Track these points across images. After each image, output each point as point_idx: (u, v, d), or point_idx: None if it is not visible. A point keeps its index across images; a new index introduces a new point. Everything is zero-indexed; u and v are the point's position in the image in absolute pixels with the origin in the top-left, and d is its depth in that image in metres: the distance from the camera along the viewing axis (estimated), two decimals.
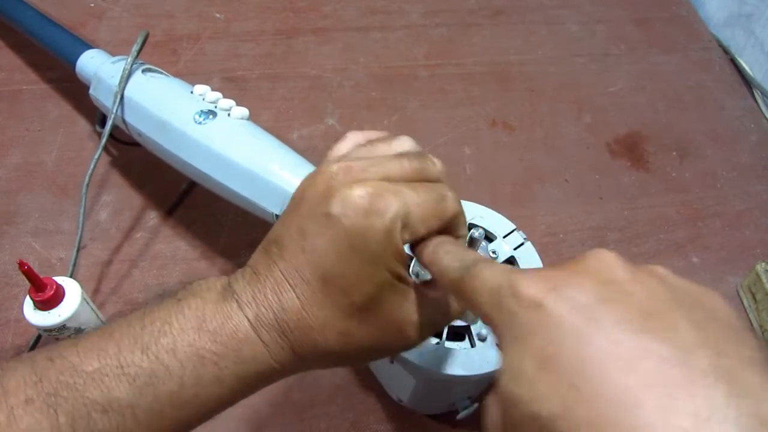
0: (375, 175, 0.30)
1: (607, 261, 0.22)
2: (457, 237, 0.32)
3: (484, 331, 0.42)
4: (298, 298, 0.30)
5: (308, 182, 0.31)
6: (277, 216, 0.46)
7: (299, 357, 0.30)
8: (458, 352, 0.41)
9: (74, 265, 0.55)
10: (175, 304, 0.30)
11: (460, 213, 0.32)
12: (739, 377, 0.18)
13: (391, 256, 0.29)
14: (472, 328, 0.42)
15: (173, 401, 0.28)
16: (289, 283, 0.30)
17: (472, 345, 0.42)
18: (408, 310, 0.30)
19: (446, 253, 0.29)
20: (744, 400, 0.17)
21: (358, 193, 0.29)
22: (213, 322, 0.30)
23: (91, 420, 0.27)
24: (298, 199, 0.31)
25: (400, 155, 0.32)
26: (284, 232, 0.31)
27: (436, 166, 0.32)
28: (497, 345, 0.24)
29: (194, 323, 0.30)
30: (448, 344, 0.41)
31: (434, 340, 0.41)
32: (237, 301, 0.30)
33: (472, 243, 0.39)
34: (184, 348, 0.29)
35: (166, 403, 0.28)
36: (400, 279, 0.30)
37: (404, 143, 0.33)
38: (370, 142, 0.34)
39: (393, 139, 0.33)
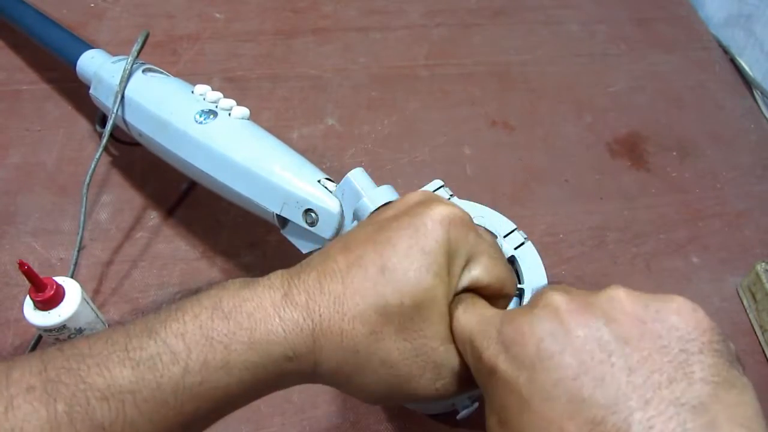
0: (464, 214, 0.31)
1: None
2: None
3: None
4: (342, 282, 0.28)
5: (398, 205, 0.33)
6: (277, 215, 0.46)
7: (317, 347, 0.28)
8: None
9: (75, 265, 0.55)
10: (195, 296, 0.30)
11: (511, 297, 0.32)
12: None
13: (450, 282, 0.29)
14: None
15: (177, 390, 0.27)
16: (341, 275, 0.29)
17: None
18: (451, 351, 0.29)
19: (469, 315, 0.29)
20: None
21: (451, 209, 0.30)
22: (229, 303, 0.28)
23: (90, 407, 0.26)
24: (382, 220, 0.32)
25: None
26: (356, 239, 0.31)
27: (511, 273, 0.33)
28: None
29: (209, 305, 0.28)
30: None
31: None
32: (264, 286, 0.29)
33: None
34: (194, 331, 0.28)
35: (169, 391, 0.27)
36: (448, 313, 0.29)
37: None
38: None
39: None
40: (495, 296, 0.31)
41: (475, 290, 0.30)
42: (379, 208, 0.35)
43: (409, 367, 0.28)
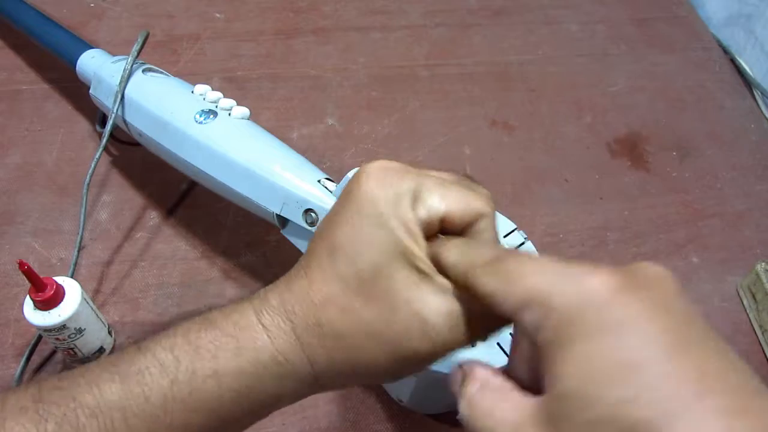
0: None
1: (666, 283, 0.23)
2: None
3: None
4: (306, 275, 0.29)
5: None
6: (277, 215, 0.46)
7: (303, 344, 0.28)
8: (458, 351, 0.41)
9: (75, 265, 0.55)
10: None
11: (490, 217, 0.29)
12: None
13: (400, 224, 0.27)
14: None
15: (166, 402, 0.27)
16: (304, 271, 0.29)
17: (473, 344, 0.42)
18: (428, 293, 0.27)
19: (454, 246, 0.27)
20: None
21: (378, 165, 0.28)
22: (218, 315, 0.29)
23: (80, 425, 0.26)
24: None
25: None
26: (315, 236, 0.30)
27: (480, 187, 0.30)
28: (540, 346, 0.23)
29: (200, 320, 0.29)
30: None
31: None
32: (250, 297, 0.30)
33: None
34: (182, 343, 0.28)
35: (158, 405, 0.27)
36: (413, 254, 0.27)
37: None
38: None
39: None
40: (470, 220, 0.29)
41: (445, 223, 0.29)
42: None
43: (393, 327, 0.27)
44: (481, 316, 0.27)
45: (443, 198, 0.28)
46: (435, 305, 0.27)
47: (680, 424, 0.19)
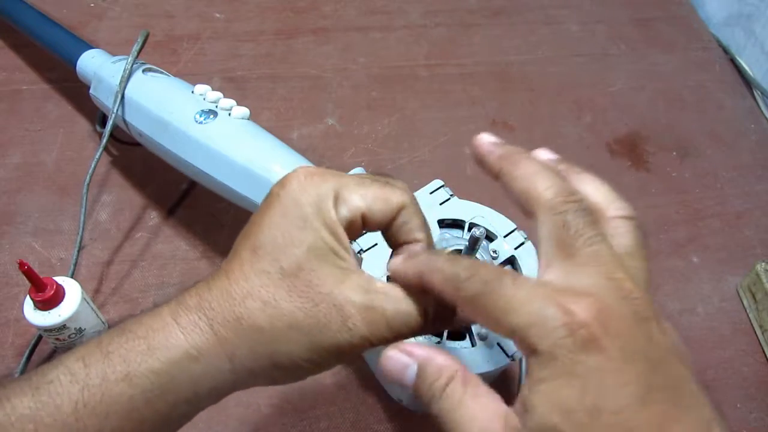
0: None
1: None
2: (415, 240, 0.31)
3: (484, 330, 0.42)
4: (226, 276, 0.29)
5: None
6: None
7: (221, 339, 0.28)
8: (458, 351, 0.41)
9: (75, 265, 0.55)
10: None
11: (410, 207, 0.31)
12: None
13: (323, 225, 0.29)
14: (473, 327, 0.42)
15: (77, 409, 0.26)
16: (224, 271, 0.29)
17: (473, 344, 0.42)
18: (349, 288, 0.28)
19: (447, 261, 0.27)
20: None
21: (301, 170, 0.30)
22: (131, 322, 0.29)
23: None
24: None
25: None
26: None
27: (398, 182, 0.32)
28: (526, 364, 0.24)
29: (113, 330, 0.28)
30: (449, 344, 0.41)
31: (435, 340, 0.41)
32: (166, 303, 0.29)
33: (474, 242, 0.39)
34: (93, 351, 0.28)
35: (69, 412, 0.26)
36: (336, 253, 0.29)
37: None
38: None
39: None
40: (391, 214, 0.30)
41: (366, 220, 0.30)
42: None
43: (315, 319, 0.28)
44: (388, 317, 0.29)
45: (363, 197, 0.30)
46: (355, 300, 0.28)
47: None
